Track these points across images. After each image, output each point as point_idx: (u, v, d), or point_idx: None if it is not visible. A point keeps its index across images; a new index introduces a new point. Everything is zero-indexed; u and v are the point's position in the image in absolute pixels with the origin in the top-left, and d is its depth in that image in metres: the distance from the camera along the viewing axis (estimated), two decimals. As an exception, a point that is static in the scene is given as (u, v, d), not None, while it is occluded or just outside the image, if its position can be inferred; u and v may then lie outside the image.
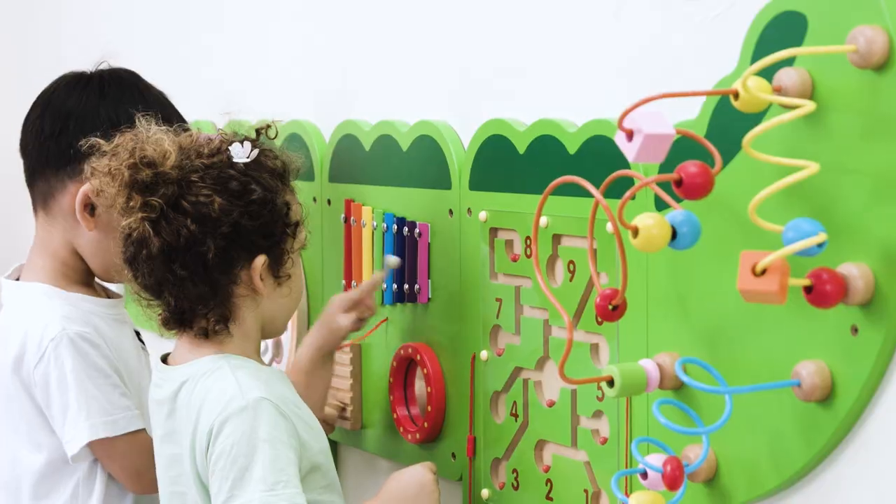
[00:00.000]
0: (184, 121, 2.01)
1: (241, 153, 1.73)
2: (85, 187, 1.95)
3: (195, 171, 1.70)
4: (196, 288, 1.71)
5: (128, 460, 1.93)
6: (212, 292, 1.71)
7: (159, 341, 1.85)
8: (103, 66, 2.09)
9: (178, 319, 1.74)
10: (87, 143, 1.77)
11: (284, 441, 1.66)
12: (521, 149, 1.79)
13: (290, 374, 1.92)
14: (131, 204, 1.70)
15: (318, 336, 1.96)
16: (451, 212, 1.93)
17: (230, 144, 1.74)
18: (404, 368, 2.03)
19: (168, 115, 1.99)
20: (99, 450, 1.93)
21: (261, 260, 1.72)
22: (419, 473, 1.82)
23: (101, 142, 1.76)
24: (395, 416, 2.04)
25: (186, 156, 1.71)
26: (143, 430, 1.94)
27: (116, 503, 1.98)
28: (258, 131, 1.79)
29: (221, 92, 2.54)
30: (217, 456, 1.65)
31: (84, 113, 2.01)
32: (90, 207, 1.97)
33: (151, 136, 1.73)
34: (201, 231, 1.69)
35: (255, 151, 1.74)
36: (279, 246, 1.74)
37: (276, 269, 1.75)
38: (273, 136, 1.81)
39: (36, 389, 1.93)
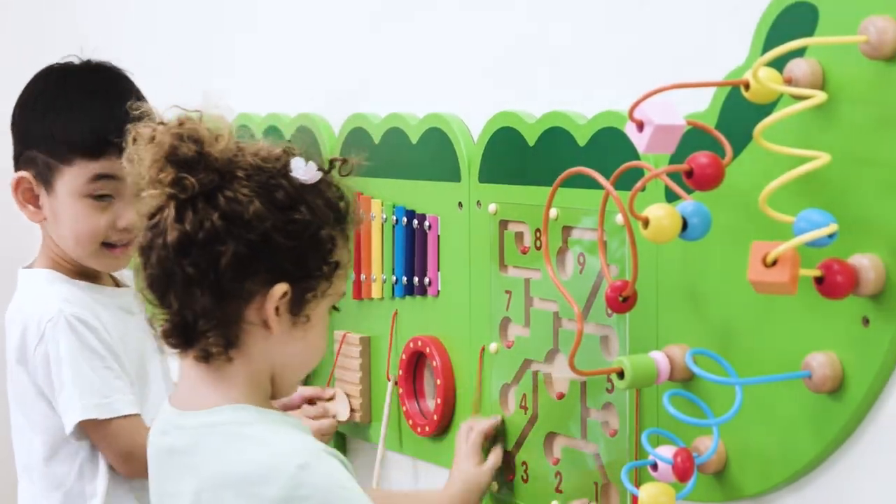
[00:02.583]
0: None
1: (301, 170, 1.53)
2: (17, 174, 1.97)
3: (243, 168, 1.50)
4: (203, 295, 1.49)
5: (119, 443, 1.92)
6: (217, 305, 1.50)
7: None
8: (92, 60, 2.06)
9: (181, 332, 1.53)
10: (140, 110, 1.55)
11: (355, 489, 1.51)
12: (531, 141, 1.79)
13: None
14: (161, 176, 1.48)
15: None
16: (460, 204, 1.92)
17: (293, 157, 1.54)
18: (414, 361, 2.03)
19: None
20: (90, 430, 1.93)
21: (281, 289, 1.50)
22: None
23: (151, 107, 1.56)
24: (404, 408, 2.04)
25: (240, 148, 1.52)
26: (137, 414, 1.93)
27: (123, 483, 1.97)
28: (332, 162, 1.59)
29: (229, 86, 2.55)
30: None
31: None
32: (36, 196, 1.98)
33: (212, 114, 1.53)
34: (225, 229, 1.48)
35: (318, 174, 1.54)
36: (308, 281, 1.53)
37: (297, 306, 1.53)
38: (346, 172, 1.60)
39: (38, 371, 1.94)
